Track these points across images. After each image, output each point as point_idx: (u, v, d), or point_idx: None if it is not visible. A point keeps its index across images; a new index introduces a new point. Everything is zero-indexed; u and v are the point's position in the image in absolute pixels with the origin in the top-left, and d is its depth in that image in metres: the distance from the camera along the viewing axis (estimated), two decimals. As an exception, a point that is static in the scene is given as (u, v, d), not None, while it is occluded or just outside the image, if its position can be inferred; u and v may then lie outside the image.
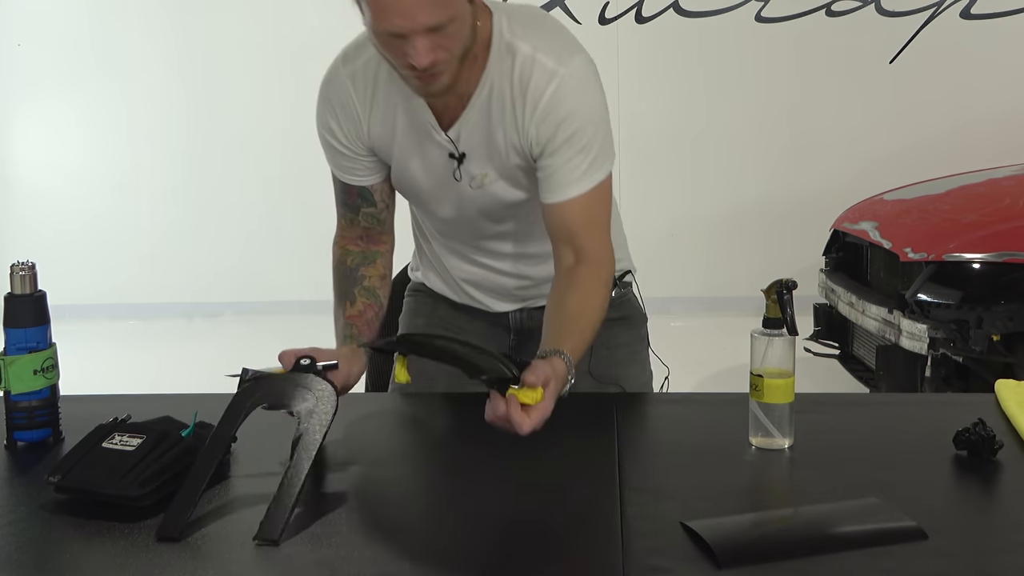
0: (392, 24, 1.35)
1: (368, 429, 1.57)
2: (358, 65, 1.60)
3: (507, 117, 1.54)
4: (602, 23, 5.64)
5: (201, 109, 5.88)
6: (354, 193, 1.70)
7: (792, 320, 1.41)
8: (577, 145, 1.53)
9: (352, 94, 1.61)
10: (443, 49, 1.39)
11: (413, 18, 1.34)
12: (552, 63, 1.50)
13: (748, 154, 5.70)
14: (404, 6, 1.33)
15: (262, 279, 5.94)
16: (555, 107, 1.50)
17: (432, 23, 1.35)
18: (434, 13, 1.35)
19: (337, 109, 1.64)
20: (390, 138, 1.62)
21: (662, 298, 5.71)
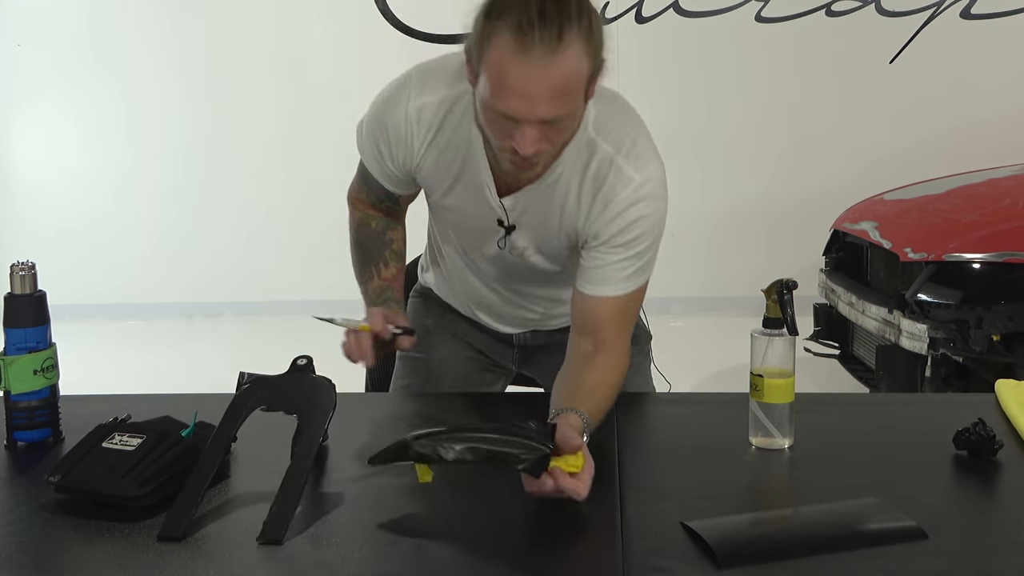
0: (509, 107, 1.32)
1: (369, 429, 1.57)
2: (428, 101, 1.54)
3: (570, 207, 1.53)
4: (602, 23, 5.64)
5: (201, 109, 5.88)
6: (382, 191, 1.69)
7: (792, 320, 1.41)
8: (633, 250, 1.53)
9: (414, 128, 1.55)
10: (548, 141, 1.37)
11: (533, 107, 1.32)
12: (631, 170, 1.50)
13: (748, 154, 5.70)
14: (528, 92, 1.30)
15: (262, 279, 5.94)
16: (624, 212, 1.50)
17: (550, 116, 1.33)
18: (555, 107, 1.33)
19: (391, 136, 1.58)
20: (441, 182, 1.60)
21: (662, 298, 5.69)
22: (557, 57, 1.29)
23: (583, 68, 1.34)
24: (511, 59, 1.30)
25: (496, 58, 1.31)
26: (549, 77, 1.30)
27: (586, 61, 1.34)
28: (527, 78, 1.30)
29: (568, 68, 1.31)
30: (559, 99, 1.32)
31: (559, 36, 1.28)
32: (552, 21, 1.28)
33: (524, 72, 1.29)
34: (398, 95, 1.57)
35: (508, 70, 1.30)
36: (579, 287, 1.58)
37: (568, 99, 1.34)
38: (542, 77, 1.30)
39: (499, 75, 1.31)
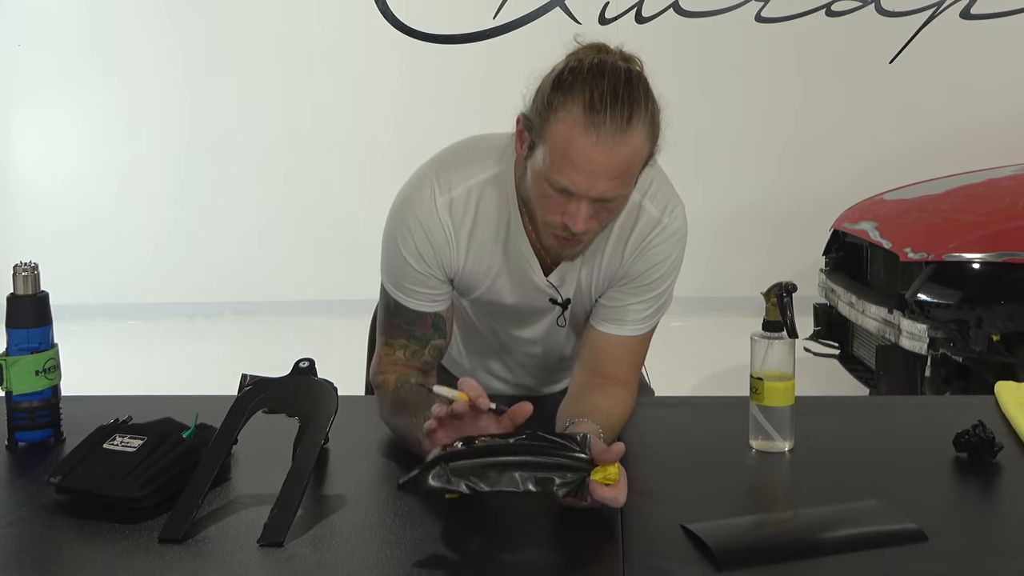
0: (572, 181, 1.32)
1: (370, 431, 1.57)
2: (455, 195, 1.50)
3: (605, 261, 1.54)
4: (602, 23, 5.64)
5: (201, 109, 5.88)
6: (428, 322, 1.56)
7: (792, 323, 1.42)
8: (654, 291, 1.56)
9: (449, 225, 1.50)
10: (597, 219, 1.39)
11: (594, 184, 1.33)
12: (657, 212, 1.53)
13: (748, 154, 5.70)
14: (592, 169, 1.31)
15: (262, 279, 5.94)
16: (651, 250, 1.53)
17: (608, 195, 1.35)
18: (614, 187, 1.34)
19: (431, 237, 1.50)
20: (483, 277, 1.56)
21: (662, 298, 5.72)
22: (625, 138, 1.31)
23: (644, 152, 1.37)
24: (580, 134, 1.30)
25: (562, 131, 1.32)
26: (614, 157, 1.32)
27: (647, 145, 1.37)
28: (593, 155, 1.31)
29: (632, 151, 1.33)
30: (619, 179, 1.34)
31: (629, 119, 1.31)
32: (624, 103, 1.31)
33: (591, 149, 1.30)
34: (420, 197, 1.51)
35: (575, 144, 1.31)
36: (595, 324, 1.59)
37: (626, 180, 1.36)
38: (608, 156, 1.31)
39: (564, 148, 1.32)
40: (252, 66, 5.83)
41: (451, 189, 1.50)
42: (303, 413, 1.32)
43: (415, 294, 1.55)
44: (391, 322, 1.59)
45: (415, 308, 1.56)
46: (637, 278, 1.55)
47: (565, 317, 1.62)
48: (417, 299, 1.55)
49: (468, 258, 1.53)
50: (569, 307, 1.61)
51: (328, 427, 1.32)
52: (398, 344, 1.57)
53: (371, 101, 5.82)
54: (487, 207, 1.51)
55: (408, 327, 1.57)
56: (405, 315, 1.57)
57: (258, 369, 1.45)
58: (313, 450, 1.27)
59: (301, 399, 1.33)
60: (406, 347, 1.57)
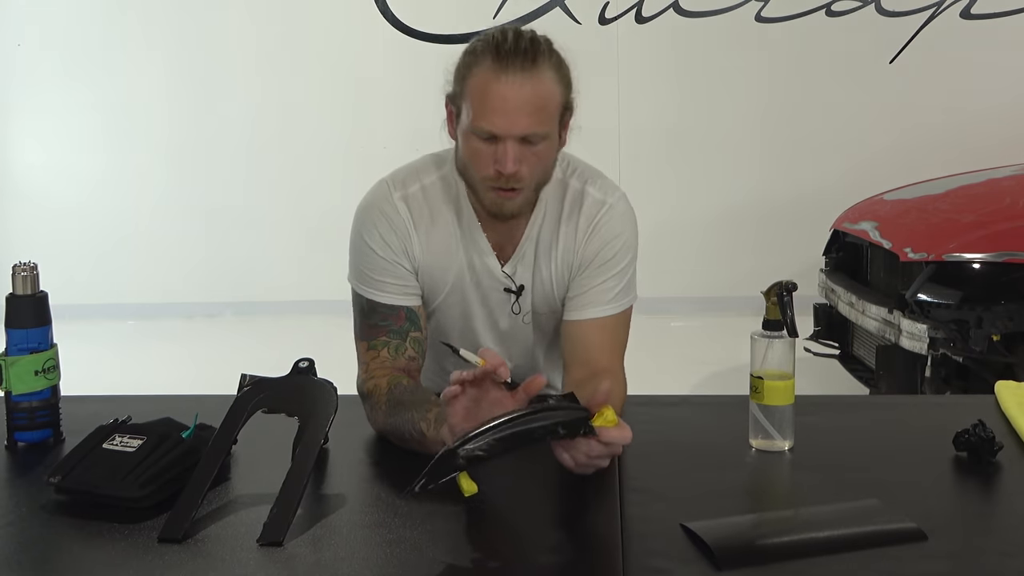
0: (492, 123, 1.47)
1: (369, 431, 1.57)
2: (410, 191, 1.64)
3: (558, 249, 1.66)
4: (602, 23, 5.64)
5: (201, 109, 5.89)
6: (402, 316, 1.61)
7: (792, 322, 1.41)
8: (614, 268, 1.65)
9: (408, 215, 1.63)
10: (527, 164, 1.51)
11: (513, 122, 1.47)
12: (600, 195, 1.66)
13: (748, 154, 5.70)
14: (508, 108, 1.46)
15: (262, 279, 5.94)
16: (601, 228, 1.65)
17: (529, 131, 1.48)
18: (533, 123, 1.48)
19: (391, 227, 1.62)
20: (446, 268, 1.65)
21: (662, 298, 5.72)
22: (532, 76, 1.47)
23: (556, 93, 1.51)
24: (491, 79, 1.47)
25: (477, 83, 1.49)
26: (525, 93, 1.47)
27: (558, 88, 1.52)
28: (506, 94, 1.47)
29: (542, 87, 1.48)
30: (536, 115, 1.48)
31: (533, 60, 1.47)
32: (527, 49, 1.48)
33: (504, 88, 1.46)
34: (378, 196, 1.65)
35: (489, 89, 1.47)
36: (570, 316, 1.66)
37: (544, 117, 1.49)
38: (519, 93, 1.46)
39: (481, 96, 1.48)
40: (252, 66, 5.83)
41: (405, 187, 1.64)
42: (303, 413, 1.32)
43: (385, 286, 1.62)
44: (367, 324, 1.63)
45: (387, 302, 1.62)
46: (595, 259, 1.64)
47: (520, 304, 1.68)
48: (387, 291, 1.62)
49: (428, 250, 1.63)
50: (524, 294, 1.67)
51: (328, 427, 1.32)
52: (379, 343, 1.60)
53: (371, 101, 5.83)
54: (439, 203, 1.64)
55: (384, 323, 1.61)
56: (379, 311, 1.62)
57: (258, 369, 1.45)
58: (313, 450, 1.27)
59: (301, 399, 1.33)
60: (387, 343, 1.60)
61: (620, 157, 5.71)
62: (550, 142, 1.54)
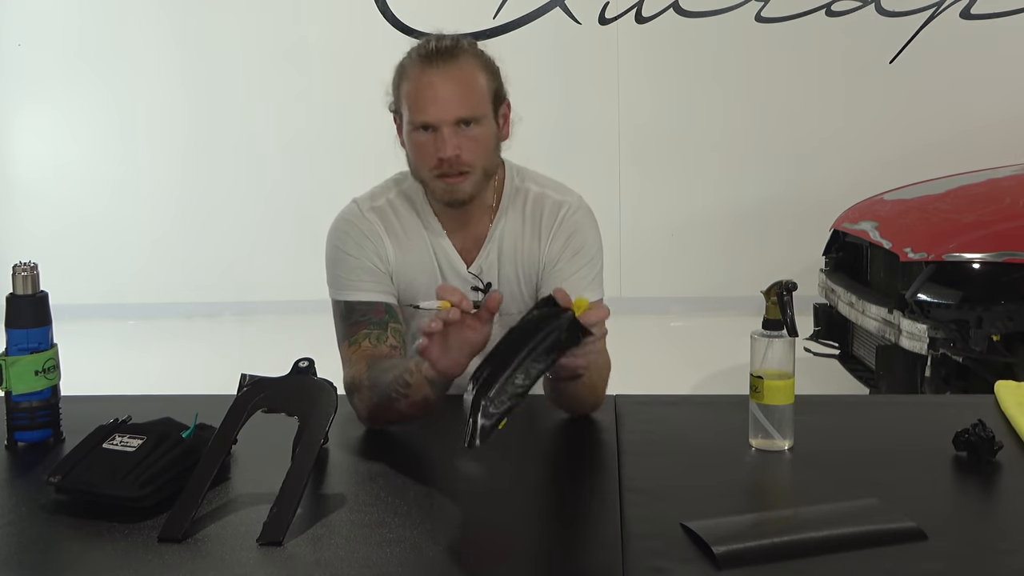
0: (426, 113, 1.59)
1: (369, 430, 1.57)
2: (378, 204, 1.75)
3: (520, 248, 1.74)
4: (602, 23, 5.64)
5: (201, 109, 5.88)
6: (381, 309, 1.68)
7: (792, 322, 1.41)
8: (584, 258, 1.72)
9: (377, 224, 1.72)
10: (467, 149, 1.61)
11: (444, 107, 1.59)
12: (558, 196, 1.76)
13: (748, 154, 5.70)
14: (437, 96, 1.59)
15: (262, 279, 5.94)
16: (564, 225, 1.73)
17: (460, 115, 1.59)
18: (464, 107, 1.60)
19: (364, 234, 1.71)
20: (415, 272, 1.72)
21: (662, 298, 5.72)
22: (455, 65, 1.61)
23: (481, 78, 1.63)
24: (419, 76, 1.61)
25: (410, 83, 1.63)
26: (451, 80, 1.60)
27: (483, 75, 1.64)
28: (434, 83, 1.60)
29: (466, 73, 1.62)
30: (465, 99, 1.60)
31: (454, 54, 1.61)
32: (448, 45, 1.62)
33: (431, 79, 1.60)
34: (349, 211, 1.75)
35: (418, 83, 1.61)
36: None
37: (472, 100, 1.61)
38: (445, 80, 1.60)
39: (414, 92, 1.62)
40: (252, 65, 5.82)
41: (372, 201, 1.75)
42: (302, 413, 1.32)
43: (362, 284, 1.68)
44: (346, 324, 1.68)
45: (365, 299, 1.67)
46: (564, 251, 1.72)
47: None
48: (364, 289, 1.68)
49: (399, 256, 1.71)
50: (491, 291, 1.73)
51: (327, 426, 1.32)
52: (360, 336, 1.64)
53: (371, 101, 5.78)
54: (404, 213, 1.74)
55: (363, 318, 1.66)
56: (358, 309, 1.67)
57: (257, 369, 1.45)
58: (312, 449, 1.27)
59: (300, 399, 1.34)
60: (368, 334, 1.64)
61: (620, 157, 5.71)
62: (486, 127, 1.64)
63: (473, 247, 1.74)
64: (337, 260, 1.72)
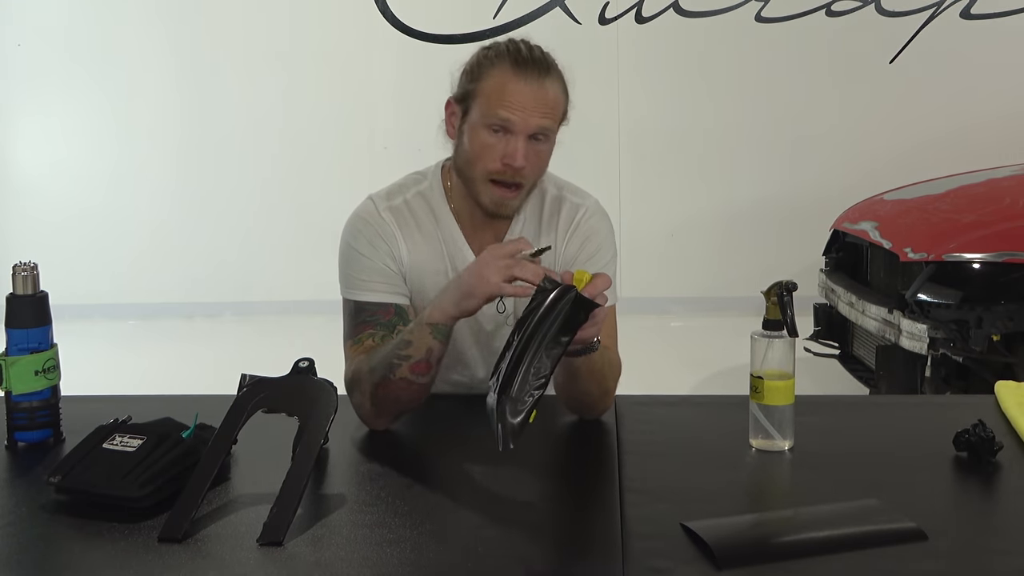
0: (510, 113, 1.57)
1: (368, 431, 1.57)
2: (395, 203, 1.71)
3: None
4: (602, 23, 5.64)
5: (201, 109, 5.88)
6: (391, 311, 1.65)
7: (792, 322, 1.41)
8: (598, 263, 1.72)
9: (392, 224, 1.69)
10: (531, 163, 1.60)
11: (528, 117, 1.58)
12: (576, 199, 1.77)
13: (748, 154, 5.70)
14: (526, 104, 1.58)
15: (262, 279, 5.94)
16: (581, 226, 1.74)
17: (541, 127, 1.59)
18: (544, 120, 1.59)
19: (378, 233, 1.68)
20: (433, 274, 1.69)
21: (662, 298, 5.72)
22: (547, 81, 1.60)
23: (562, 100, 1.63)
24: (511, 78, 1.58)
25: (496, 81, 1.59)
26: (541, 94, 1.59)
27: (563, 97, 1.64)
28: (524, 91, 1.58)
29: (554, 92, 1.61)
30: (547, 115, 1.59)
31: (547, 67, 1.61)
32: (541, 58, 1.62)
33: (522, 87, 1.58)
34: (364, 209, 1.72)
35: (508, 86, 1.58)
36: None
37: (553, 116, 1.61)
38: (536, 93, 1.58)
39: (500, 90, 1.58)
40: (252, 66, 5.83)
41: (389, 200, 1.72)
42: (302, 413, 1.32)
43: (373, 285, 1.66)
44: (354, 323, 1.66)
45: (375, 300, 1.65)
46: (579, 255, 1.72)
47: (504, 303, 1.71)
48: (376, 290, 1.66)
49: (414, 257, 1.69)
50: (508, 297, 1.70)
51: (327, 427, 1.32)
52: (365, 335, 1.63)
53: (371, 101, 5.83)
54: (421, 214, 1.71)
55: (371, 319, 1.64)
56: (367, 309, 1.65)
57: (258, 369, 1.45)
58: (312, 450, 1.27)
59: (300, 399, 1.33)
60: (373, 335, 1.62)
61: (620, 157, 5.71)
62: (551, 145, 1.64)
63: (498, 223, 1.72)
64: (350, 258, 1.69)
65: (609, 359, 1.57)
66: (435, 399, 1.78)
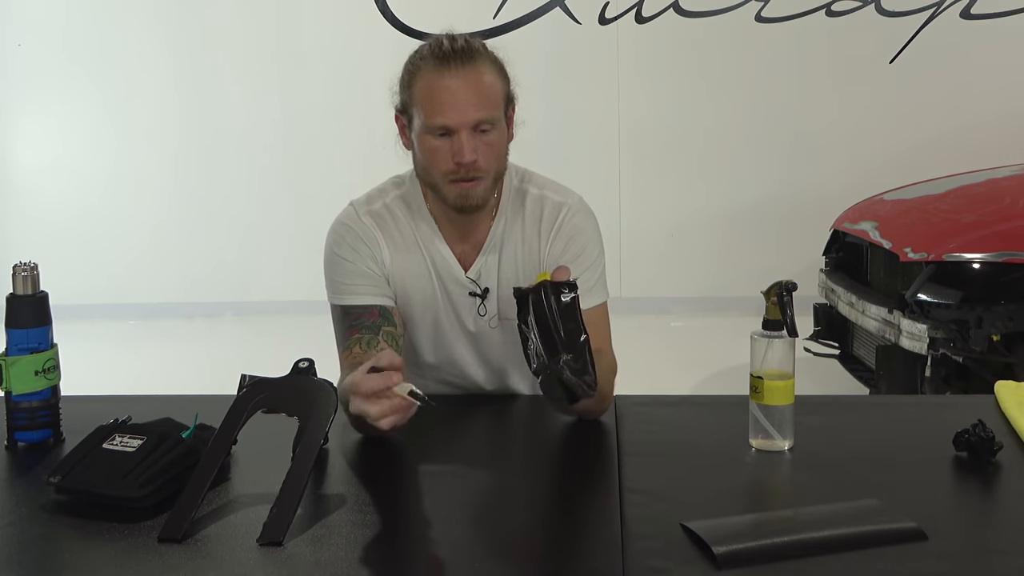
0: (446, 116, 1.56)
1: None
2: (375, 208, 1.73)
3: (520, 251, 1.72)
4: (602, 23, 5.64)
5: (201, 110, 5.88)
6: (375, 312, 1.66)
7: (792, 322, 1.41)
8: (585, 262, 1.70)
9: (374, 228, 1.71)
10: (482, 154, 1.59)
11: (464, 112, 1.56)
12: (558, 197, 1.75)
13: (748, 154, 5.70)
14: (456, 100, 1.56)
15: (262, 279, 5.94)
16: (564, 226, 1.72)
17: (479, 118, 1.57)
18: (481, 110, 1.57)
19: (360, 237, 1.70)
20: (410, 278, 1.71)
21: (662, 298, 5.72)
22: (472, 67, 1.58)
23: (497, 82, 1.61)
24: (436, 78, 1.58)
25: (424, 84, 1.59)
26: (469, 84, 1.57)
27: (498, 79, 1.62)
28: (452, 86, 1.57)
29: (484, 77, 1.59)
30: (483, 103, 1.58)
31: (471, 56, 1.59)
32: (462, 46, 1.59)
33: (448, 82, 1.57)
34: (346, 216, 1.73)
35: (435, 86, 1.58)
36: None
37: (490, 104, 1.59)
38: (464, 84, 1.57)
39: (429, 94, 1.58)
40: (252, 66, 5.82)
41: (369, 205, 1.73)
42: (302, 413, 1.32)
43: (357, 288, 1.67)
44: (343, 329, 1.67)
45: (359, 303, 1.67)
46: (563, 255, 1.69)
47: (485, 306, 1.72)
48: (359, 292, 1.67)
49: (396, 260, 1.70)
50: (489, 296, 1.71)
51: (327, 427, 1.32)
52: (352, 341, 1.64)
53: (371, 101, 5.79)
54: (402, 217, 1.72)
55: (356, 322, 1.65)
56: (352, 313, 1.67)
57: (258, 369, 1.45)
58: (312, 450, 1.27)
59: (300, 399, 1.33)
60: (359, 339, 1.63)
61: (620, 157, 5.71)
62: (499, 131, 1.62)
63: (472, 251, 1.73)
64: (333, 264, 1.71)
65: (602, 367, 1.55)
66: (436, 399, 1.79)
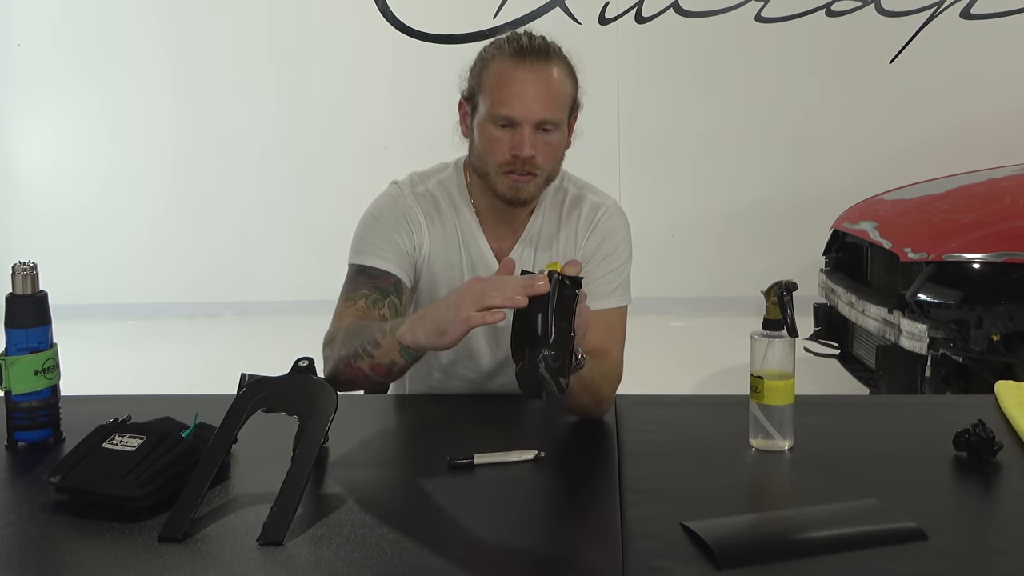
0: (512, 108, 1.58)
1: (369, 430, 1.57)
2: (420, 191, 1.74)
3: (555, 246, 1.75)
4: (602, 23, 5.64)
5: (201, 109, 5.88)
6: (391, 280, 1.65)
7: (792, 322, 1.41)
8: (614, 263, 1.73)
9: (418, 210, 1.72)
10: (541, 152, 1.61)
11: (531, 107, 1.58)
12: (597, 198, 1.78)
13: (748, 154, 5.70)
14: (526, 94, 1.58)
15: (262, 279, 5.94)
16: (600, 225, 1.75)
17: (544, 117, 1.59)
18: (548, 109, 1.59)
19: (404, 215, 1.71)
20: (442, 264, 1.72)
21: (662, 298, 5.72)
22: (547, 67, 1.60)
23: (567, 86, 1.63)
24: (509, 70, 1.59)
25: (496, 73, 1.61)
26: (542, 82, 1.59)
27: (569, 82, 1.64)
28: (524, 82, 1.58)
29: (556, 78, 1.61)
30: (551, 103, 1.60)
31: (547, 55, 1.61)
32: (541, 45, 1.62)
33: (522, 77, 1.59)
34: (391, 192, 1.75)
35: (507, 78, 1.59)
36: None
37: (557, 105, 1.61)
38: (536, 81, 1.59)
39: (499, 85, 1.59)
40: (252, 67, 5.83)
41: (415, 187, 1.75)
42: (302, 412, 1.32)
43: (383, 253, 1.66)
44: (352, 283, 1.65)
45: (379, 266, 1.65)
46: (596, 253, 1.73)
47: None
48: (384, 257, 1.66)
49: (434, 245, 1.72)
50: None
51: (327, 426, 1.32)
52: (358, 295, 1.62)
53: (371, 101, 5.83)
54: (443, 203, 1.74)
55: (369, 280, 1.64)
56: (367, 272, 1.65)
57: (257, 369, 1.45)
58: (312, 449, 1.27)
59: (300, 398, 1.33)
60: (367, 296, 1.61)
61: (620, 157, 5.71)
62: (561, 134, 1.64)
63: (508, 242, 1.75)
64: (369, 226, 1.70)
65: (603, 371, 1.55)
66: (436, 399, 1.79)
